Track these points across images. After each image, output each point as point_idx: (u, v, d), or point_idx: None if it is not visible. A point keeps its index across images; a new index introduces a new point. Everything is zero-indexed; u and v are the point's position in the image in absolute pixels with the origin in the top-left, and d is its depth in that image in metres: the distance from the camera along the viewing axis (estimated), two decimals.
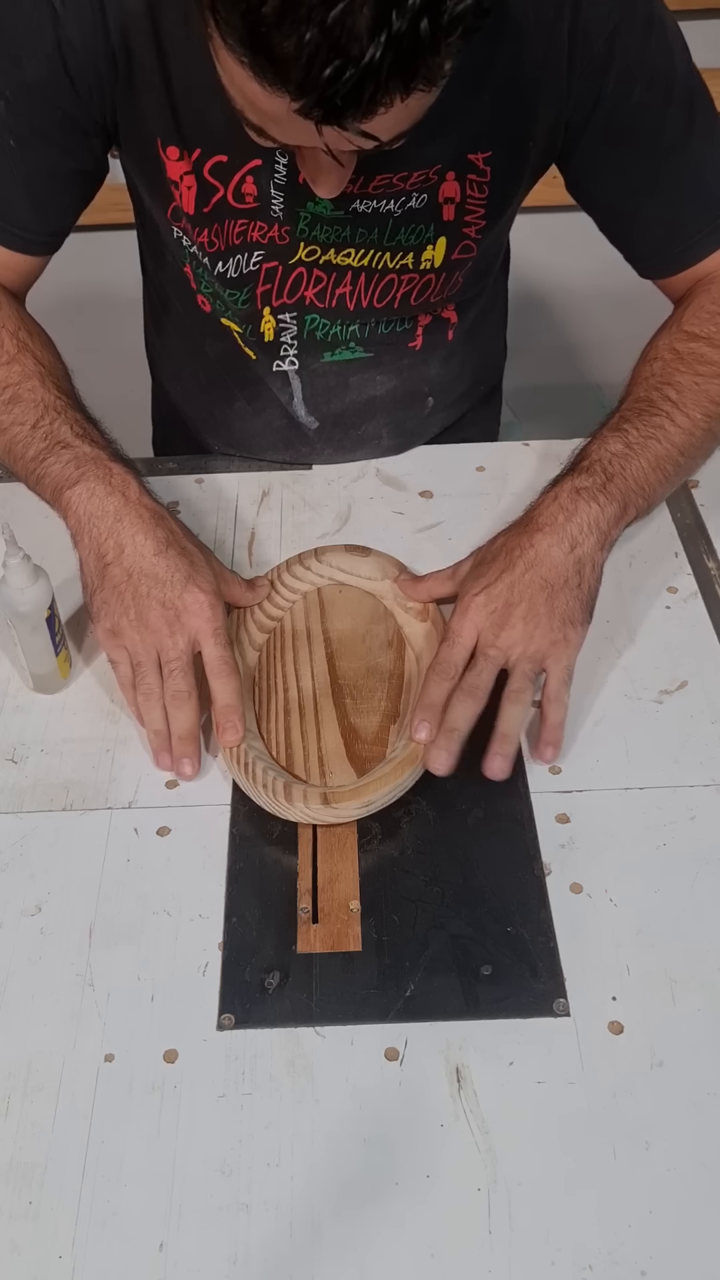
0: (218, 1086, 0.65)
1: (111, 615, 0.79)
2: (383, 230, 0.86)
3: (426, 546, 0.94)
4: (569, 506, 0.79)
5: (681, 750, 0.80)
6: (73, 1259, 0.59)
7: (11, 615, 0.79)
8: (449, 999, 0.68)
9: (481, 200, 0.86)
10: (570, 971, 0.69)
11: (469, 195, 0.85)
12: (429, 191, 0.84)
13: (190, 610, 0.78)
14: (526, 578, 0.78)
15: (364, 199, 0.84)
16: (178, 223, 0.88)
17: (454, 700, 0.77)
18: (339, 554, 0.90)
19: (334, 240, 0.87)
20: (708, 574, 0.92)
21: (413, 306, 0.93)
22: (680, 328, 0.87)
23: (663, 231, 0.88)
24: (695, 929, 0.70)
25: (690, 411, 0.84)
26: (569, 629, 0.78)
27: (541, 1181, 0.61)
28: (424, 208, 0.85)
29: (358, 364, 0.97)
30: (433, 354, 0.99)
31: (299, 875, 0.74)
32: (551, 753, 0.78)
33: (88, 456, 0.81)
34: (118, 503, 0.80)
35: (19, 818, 0.77)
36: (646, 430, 0.83)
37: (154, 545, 0.79)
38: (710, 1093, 0.64)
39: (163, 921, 0.72)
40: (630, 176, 0.86)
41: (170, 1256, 0.59)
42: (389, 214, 0.85)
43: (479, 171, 0.84)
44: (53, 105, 0.80)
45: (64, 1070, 0.65)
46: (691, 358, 0.85)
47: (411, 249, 0.87)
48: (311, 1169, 0.62)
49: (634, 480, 0.81)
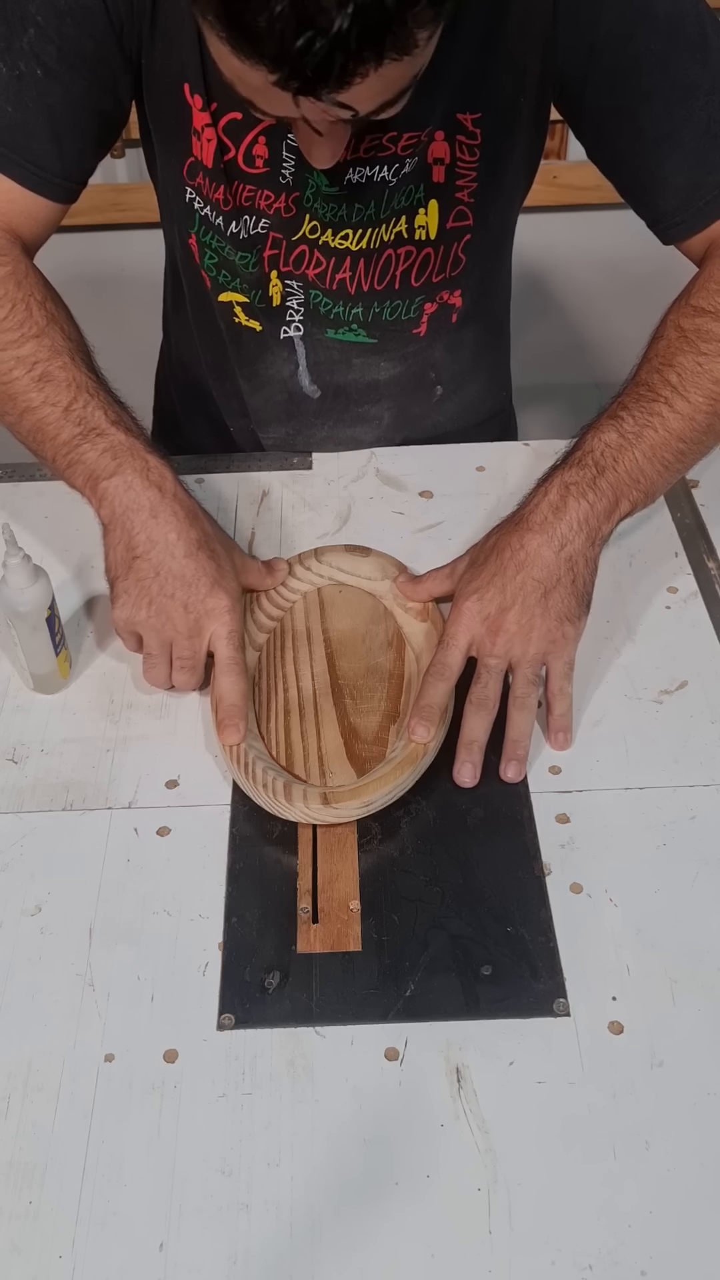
0: (218, 1086, 0.65)
1: (129, 606, 0.79)
2: (379, 202, 0.86)
3: (426, 546, 0.94)
4: (558, 504, 0.79)
5: (681, 750, 0.80)
6: (73, 1259, 0.59)
7: (11, 615, 0.79)
8: (449, 999, 0.68)
9: (472, 163, 0.85)
10: (570, 971, 0.69)
11: (459, 158, 0.85)
12: (420, 153, 0.84)
13: (212, 614, 0.79)
14: (518, 579, 0.78)
15: (356, 166, 0.84)
16: (193, 180, 0.88)
17: (466, 715, 0.78)
18: (339, 554, 0.90)
19: (332, 219, 0.87)
20: (708, 574, 0.92)
21: (414, 288, 0.92)
22: (688, 301, 0.83)
23: (686, 182, 0.83)
24: (695, 929, 0.70)
25: (691, 396, 0.80)
26: (565, 626, 0.79)
27: (541, 1181, 0.61)
28: (414, 170, 0.84)
29: (361, 348, 0.97)
30: (438, 340, 0.99)
31: (299, 875, 0.73)
32: (563, 738, 0.80)
33: (124, 446, 0.80)
34: (154, 497, 0.79)
35: (19, 818, 0.77)
36: (643, 418, 0.80)
37: (185, 546, 0.79)
38: (710, 1093, 0.64)
39: (163, 921, 0.72)
40: (645, 127, 0.81)
41: (170, 1256, 0.59)
42: (383, 183, 0.85)
43: (468, 133, 0.83)
44: (84, 33, 0.79)
45: (64, 1070, 0.65)
46: (696, 335, 0.81)
47: (404, 211, 0.87)
48: (311, 1169, 0.62)
49: (627, 473, 0.80)
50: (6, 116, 0.82)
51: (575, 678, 0.82)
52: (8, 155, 0.83)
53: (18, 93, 0.81)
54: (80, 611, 0.91)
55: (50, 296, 0.85)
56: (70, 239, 0.90)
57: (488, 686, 0.78)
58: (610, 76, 0.80)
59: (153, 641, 0.80)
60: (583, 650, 0.85)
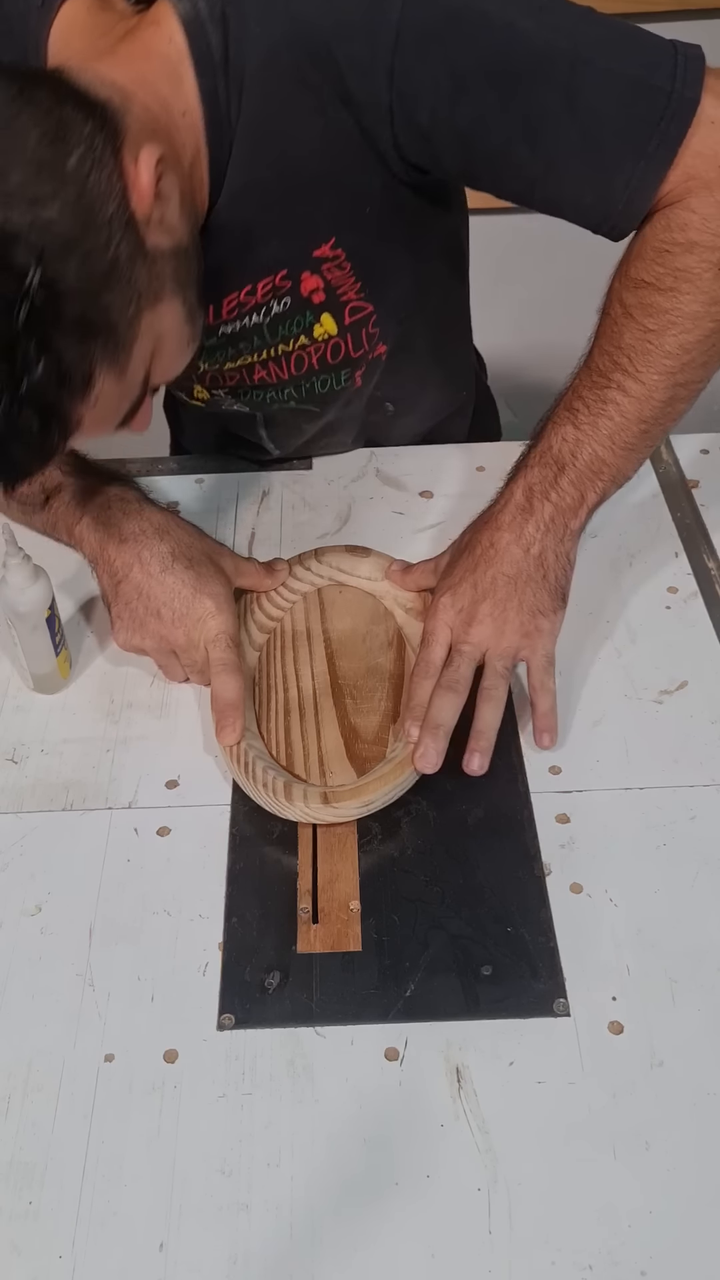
0: (218, 1086, 0.65)
1: (125, 630, 0.83)
2: (261, 336, 0.86)
3: (426, 546, 0.94)
4: (525, 505, 0.79)
5: (681, 750, 0.80)
6: (73, 1259, 0.59)
7: (11, 615, 0.79)
8: (449, 999, 0.68)
9: (349, 272, 0.83)
10: (570, 971, 0.69)
11: (330, 278, 0.83)
12: (290, 295, 0.83)
13: (199, 621, 0.81)
14: (489, 574, 0.79)
15: (226, 323, 0.84)
16: None
17: (434, 697, 0.78)
18: (339, 554, 0.90)
19: (223, 359, 0.89)
20: (708, 574, 0.92)
21: (334, 364, 0.91)
22: (628, 273, 0.75)
23: (593, 199, 0.74)
24: (695, 929, 0.70)
25: (644, 375, 0.75)
26: (539, 618, 0.79)
27: (541, 1181, 0.61)
28: (291, 306, 0.84)
29: (306, 413, 0.97)
30: (373, 378, 0.96)
31: (299, 875, 0.73)
32: (548, 739, 0.79)
33: (83, 490, 0.84)
34: (121, 524, 0.82)
35: (19, 818, 0.77)
36: (598, 407, 0.77)
37: (159, 562, 0.82)
38: (710, 1093, 0.64)
39: (163, 921, 0.72)
40: (523, 173, 0.74)
41: (170, 1256, 0.59)
42: (259, 325, 0.85)
43: (330, 259, 0.82)
44: None
45: (64, 1070, 0.65)
46: (640, 310, 0.74)
47: (300, 333, 0.87)
48: (311, 1169, 0.62)
49: (588, 465, 0.78)
50: None
51: (575, 677, 0.82)
52: None
53: None
54: (80, 611, 0.91)
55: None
56: None
57: (458, 669, 0.78)
58: (456, 145, 0.74)
59: (157, 654, 0.84)
60: (583, 650, 0.85)
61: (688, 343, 0.74)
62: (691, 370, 0.75)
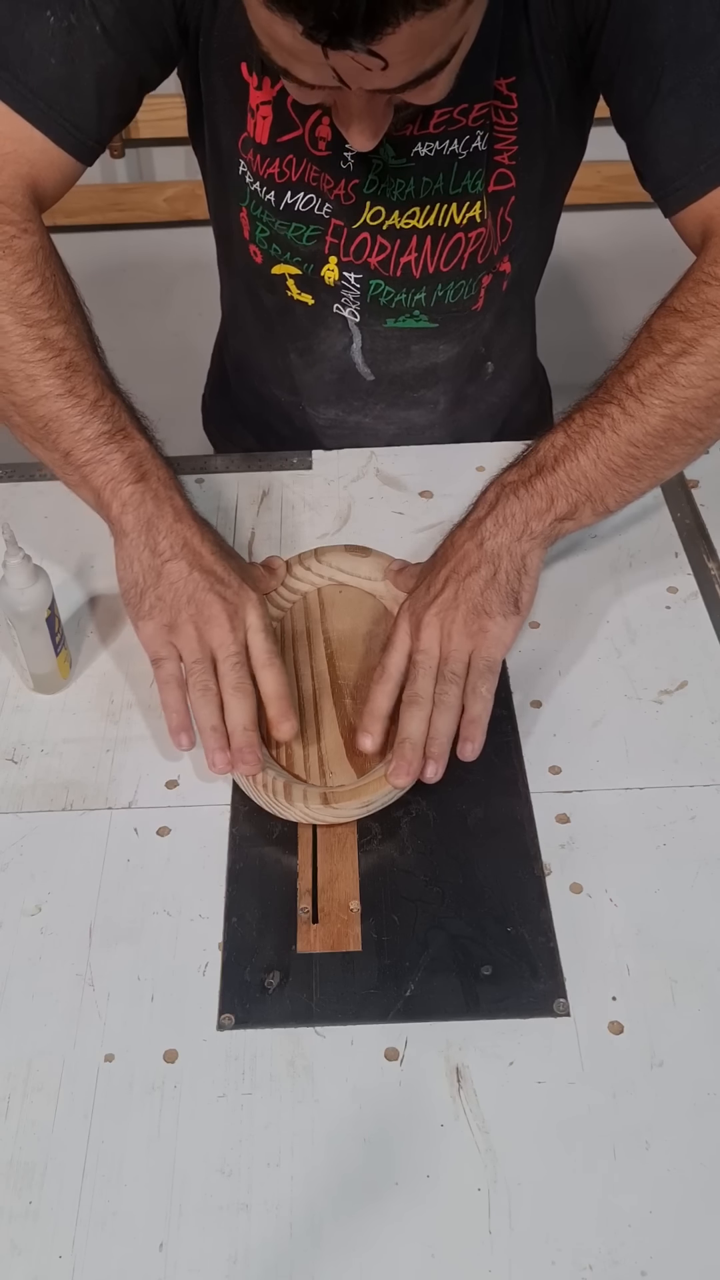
0: (218, 1086, 0.65)
1: (169, 611, 0.78)
2: (447, 176, 0.85)
3: (426, 546, 0.94)
4: (493, 501, 0.79)
5: (681, 750, 0.80)
6: (73, 1259, 0.59)
7: (11, 615, 0.79)
8: (449, 999, 0.68)
9: (511, 128, 0.85)
10: (570, 971, 0.69)
11: (496, 123, 0.84)
12: (478, 137, 0.83)
13: (246, 608, 0.79)
14: (441, 575, 0.79)
15: (425, 141, 0.83)
16: (245, 154, 0.88)
17: (401, 712, 0.77)
18: (339, 554, 0.90)
19: (400, 198, 0.86)
20: (708, 574, 0.92)
21: (479, 265, 0.92)
22: (665, 303, 0.79)
23: (688, 142, 0.77)
24: (695, 929, 0.70)
25: (646, 398, 0.76)
26: (484, 619, 0.77)
27: (541, 1181, 0.61)
28: (469, 160, 0.84)
29: (421, 333, 0.96)
30: (490, 311, 0.98)
31: (299, 875, 0.73)
32: (469, 749, 0.76)
33: (149, 455, 0.80)
34: (176, 505, 0.80)
35: (19, 818, 0.77)
36: (592, 419, 0.77)
37: (211, 549, 0.80)
38: (710, 1093, 0.64)
39: (163, 921, 0.72)
40: (654, 78, 0.77)
41: (170, 1256, 0.59)
42: (453, 156, 0.84)
43: (503, 97, 0.83)
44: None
45: (64, 1070, 0.65)
46: (662, 334, 0.76)
47: (466, 201, 0.86)
48: (311, 1169, 0.62)
49: (566, 474, 0.77)
50: (50, 69, 0.78)
51: (575, 677, 0.82)
52: (48, 113, 0.79)
53: (66, 46, 0.78)
54: (80, 611, 0.91)
55: (71, 281, 0.83)
56: (70, 239, 0.89)
57: (416, 683, 0.77)
58: (626, 19, 0.77)
59: (194, 646, 0.78)
60: (583, 650, 0.85)
61: (695, 376, 0.74)
62: (691, 408, 0.75)
